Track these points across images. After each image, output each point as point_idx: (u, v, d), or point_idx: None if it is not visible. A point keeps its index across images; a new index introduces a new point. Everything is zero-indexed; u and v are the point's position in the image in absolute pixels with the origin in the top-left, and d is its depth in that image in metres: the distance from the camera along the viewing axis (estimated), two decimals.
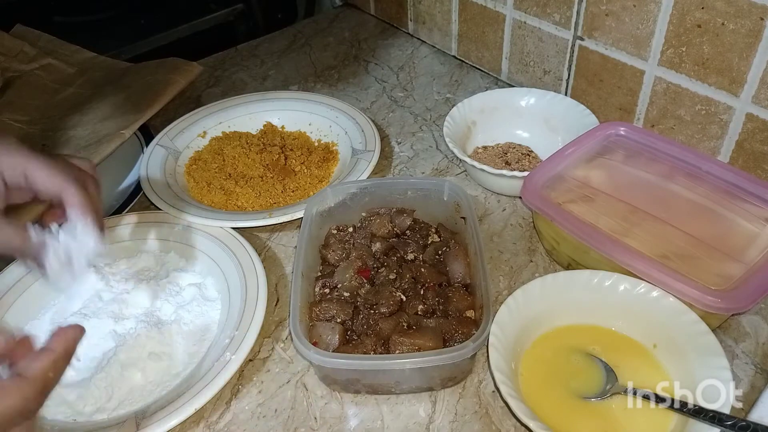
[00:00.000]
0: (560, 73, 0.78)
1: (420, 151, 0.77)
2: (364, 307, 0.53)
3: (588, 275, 0.51)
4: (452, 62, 0.94)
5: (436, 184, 0.62)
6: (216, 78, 0.94)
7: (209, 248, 0.61)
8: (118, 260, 0.62)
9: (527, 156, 0.73)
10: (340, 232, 0.61)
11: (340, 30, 1.06)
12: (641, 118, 0.71)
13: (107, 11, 1.18)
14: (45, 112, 0.83)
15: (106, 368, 0.51)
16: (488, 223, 0.66)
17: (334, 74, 0.94)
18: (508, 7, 0.81)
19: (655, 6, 0.63)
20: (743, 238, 0.52)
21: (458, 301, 0.53)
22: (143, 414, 0.47)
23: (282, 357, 0.54)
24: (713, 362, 0.45)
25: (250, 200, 0.69)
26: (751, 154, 0.62)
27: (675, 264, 0.49)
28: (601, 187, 0.57)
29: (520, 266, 0.61)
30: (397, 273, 0.56)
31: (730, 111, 0.62)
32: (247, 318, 0.53)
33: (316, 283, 0.56)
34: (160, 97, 0.77)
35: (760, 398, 0.46)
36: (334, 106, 0.80)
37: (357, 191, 0.62)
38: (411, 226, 0.61)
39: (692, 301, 0.47)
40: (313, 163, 0.74)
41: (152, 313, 0.56)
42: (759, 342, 0.52)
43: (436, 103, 0.85)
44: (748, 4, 0.56)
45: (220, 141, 0.77)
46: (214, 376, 0.48)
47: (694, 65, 0.62)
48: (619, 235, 0.52)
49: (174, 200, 0.65)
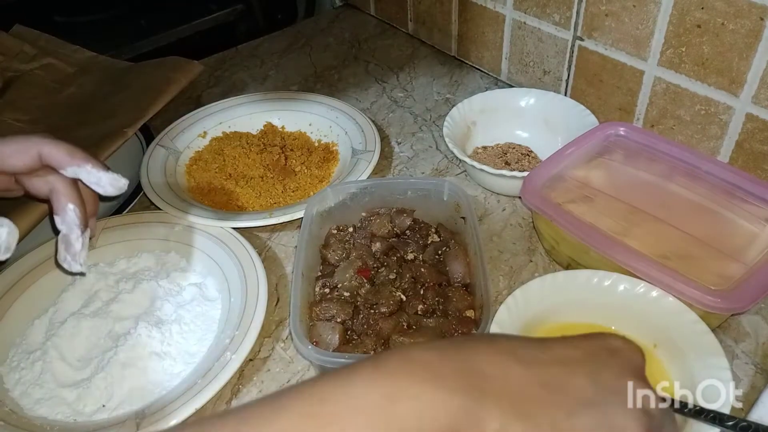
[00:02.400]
0: (560, 74, 0.78)
1: (420, 151, 0.77)
2: (364, 307, 0.53)
3: (588, 275, 0.51)
4: (452, 62, 0.94)
5: (436, 184, 0.62)
6: (216, 78, 0.94)
7: (209, 248, 0.61)
8: (118, 260, 0.62)
9: (527, 156, 0.73)
10: (340, 232, 0.61)
11: (340, 30, 1.06)
12: (641, 118, 0.71)
13: (107, 11, 1.18)
14: (46, 112, 0.83)
15: (106, 368, 0.51)
16: (488, 223, 0.66)
17: (334, 74, 0.94)
18: (508, 7, 0.81)
19: (655, 6, 0.63)
20: (743, 238, 0.52)
21: (458, 301, 0.53)
22: (143, 414, 0.47)
23: (282, 357, 0.54)
24: (713, 362, 0.45)
25: (250, 200, 0.69)
26: (751, 154, 0.62)
27: (675, 264, 0.49)
28: (601, 187, 0.57)
29: (519, 266, 0.61)
30: (397, 273, 0.56)
31: (729, 111, 0.62)
32: (247, 318, 0.53)
33: (316, 283, 0.56)
34: (161, 95, 0.78)
35: (760, 398, 0.46)
36: (334, 106, 0.80)
37: (357, 191, 0.62)
38: (411, 226, 0.61)
39: (692, 301, 0.47)
40: (313, 163, 0.74)
41: (152, 313, 0.56)
42: (759, 342, 0.52)
43: (436, 103, 0.85)
44: (748, 4, 0.56)
45: (221, 141, 0.77)
46: (214, 376, 0.48)
47: (694, 65, 0.63)
48: (619, 235, 0.52)
49: (174, 200, 0.65)
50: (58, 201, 0.49)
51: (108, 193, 0.51)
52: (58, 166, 0.48)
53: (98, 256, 0.62)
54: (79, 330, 0.54)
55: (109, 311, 0.56)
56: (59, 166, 0.48)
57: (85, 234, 0.50)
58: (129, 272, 0.61)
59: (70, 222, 0.49)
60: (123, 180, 0.51)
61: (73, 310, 0.57)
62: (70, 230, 0.49)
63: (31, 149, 0.48)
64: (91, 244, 0.62)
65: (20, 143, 0.48)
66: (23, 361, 0.53)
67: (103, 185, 0.50)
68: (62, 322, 0.55)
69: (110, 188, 0.50)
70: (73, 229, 0.49)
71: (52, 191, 0.49)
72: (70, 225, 0.49)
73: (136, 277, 0.60)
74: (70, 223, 0.49)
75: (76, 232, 0.49)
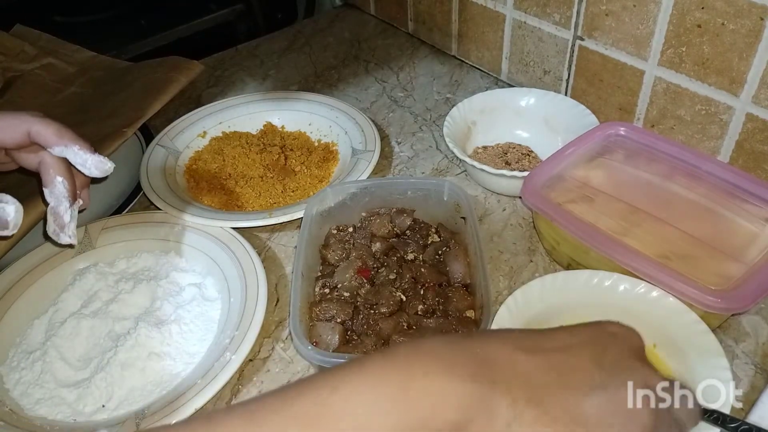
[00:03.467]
0: (560, 73, 0.78)
1: (420, 151, 0.77)
2: (364, 307, 0.53)
3: (588, 275, 0.51)
4: (452, 62, 0.94)
5: (436, 184, 0.62)
6: (216, 78, 0.94)
7: (209, 248, 0.61)
8: (117, 260, 0.62)
9: (527, 156, 0.73)
10: (340, 232, 0.61)
11: (340, 30, 1.06)
12: (641, 118, 0.71)
13: (107, 11, 1.18)
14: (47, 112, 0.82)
15: (106, 368, 0.51)
16: (488, 223, 0.66)
17: (334, 74, 0.94)
18: (508, 7, 0.81)
19: (655, 6, 0.63)
20: (743, 238, 0.52)
21: (458, 301, 0.53)
22: (143, 414, 0.47)
23: (282, 357, 0.54)
24: (713, 362, 0.45)
25: (250, 200, 0.69)
26: (751, 154, 0.62)
27: (675, 264, 0.49)
28: (601, 187, 0.57)
29: (520, 266, 0.61)
30: (397, 273, 0.56)
31: (730, 111, 0.62)
32: (247, 318, 0.53)
33: (316, 283, 0.56)
34: (161, 95, 0.77)
35: (760, 398, 0.46)
36: (334, 106, 0.80)
37: (357, 191, 0.62)
38: (411, 226, 0.61)
39: (692, 301, 0.47)
40: (313, 163, 0.74)
41: (152, 313, 0.56)
42: (759, 342, 0.52)
43: (436, 103, 0.85)
44: (748, 4, 0.56)
45: (220, 141, 0.77)
46: (214, 376, 0.48)
47: (694, 65, 0.62)
48: (619, 235, 0.52)
49: (174, 200, 0.65)
50: (47, 173, 0.49)
51: (93, 174, 0.51)
52: (46, 144, 0.49)
53: (98, 256, 0.62)
54: (79, 330, 0.54)
55: (109, 311, 0.56)
56: (47, 144, 0.49)
57: (74, 206, 0.51)
58: (129, 272, 0.61)
59: (59, 194, 0.49)
60: (109, 163, 0.51)
61: (73, 310, 0.57)
62: (59, 203, 0.49)
63: (21, 126, 0.49)
64: (91, 244, 0.62)
65: (10, 120, 0.49)
66: (23, 361, 0.53)
67: (88, 167, 0.50)
68: (62, 322, 0.55)
69: (95, 170, 0.51)
70: (62, 202, 0.49)
71: (41, 164, 0.49)
72: (59, 197, 0.49)
73: (135, 277, 0.60)
74: (59, 196, 0.49)
75: (64, 204, 0.49)
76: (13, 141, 0.49)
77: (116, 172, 0.72)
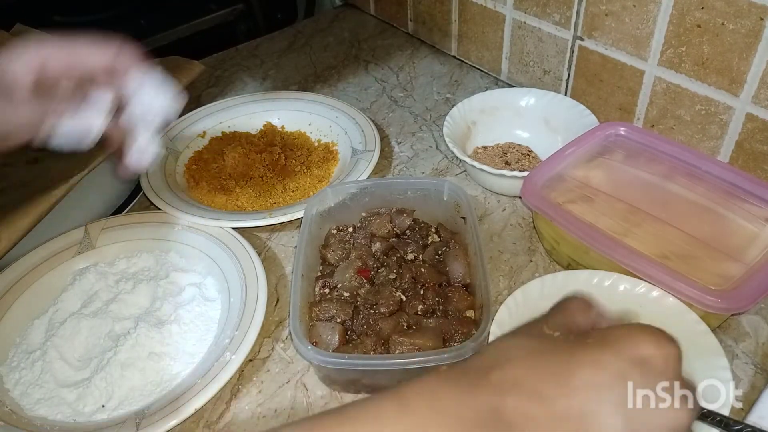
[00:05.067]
0: (560, 73, 0.78)
1: (420, 151, 0.77)
2: (364, 307, 0.53)
3: (588, 275, 0.51)
4: (452, 62, 0.94)
5: (436, 184, 0.62)
6: (216, 78, 0.94)
7: (209, 248, 0.61)
8: (117, 260, 0.62)
9: (527, 156, 0.73)
10: (340, 232, 0.61)
11: (340, 30, 1.06)
12: (641, 118, 0.71)
13: (107, 11, 1.18)
14: None
15: (106, 368, 0.51)
16: (488, 223, 0.66)
17: (334, 74, 0.94)
18: (508, 7, 0.81)
19: (655, 6, 0.63)
20: (743, 238, 0.52)
21: (458, 301, 0.53)
22: (143, 414, 0.47)
23: (282, 357, 0.54)
24: (713, 362, 0.45)
25: (250, 200, 0.69)
26: (751, 154, 0.62)
27: (675, 264, 0.49)
28: (601, 187, 0.57)
29: (520, 266, 0.61)
30: (397, 273, 0.56)
31: (729, 111, 0.62)
32: (247, 318, 0.53)
33: (316, 283, 0.56)
34: None
35: (760, 398, 0.46)
36: (334, 106, 0.80)
37: (357, 191, 0.62)
38: (411, 226, 0.61)
39: (692, 301, 0.47)
40: (313, 163, 0.74)
41: (152, 313, 0.56)
42: (759, 342, 0.52)
43: (436, 103, 0.85)
44: (748, 4, 0.56)
45: (220, 141, 0.77)
46: (214, 376, 0.48)
47: (694, 65, 0.62)
48: (619, 235, 0.52)
49: (174, 200, 0.65)
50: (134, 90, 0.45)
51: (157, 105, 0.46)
52: (130, 67, 0.45)
53: (98, 256, 0.62)
54: (78, 330, 0.54)
55: (109, 311, 0.56)
56: (130, 67, 0.45)
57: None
58: (129, 272, 0.61)
59: (148, 107, 0.46)
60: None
61: (73, 310, 0.57)
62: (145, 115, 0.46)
63: (109, 47, 0.44)
64: (91, 244, 0.62)
65: (96, 42, 0.44)
66: (23, 361, 0.53)
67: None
68: (62, 322, 0.55)
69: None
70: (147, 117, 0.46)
71: (130, 79, 0.45)
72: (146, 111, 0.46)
73: (135, 277, 0.60)
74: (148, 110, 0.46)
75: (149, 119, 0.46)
76: (100, 63, 0.44)
77: (115, 174, 0.73)
